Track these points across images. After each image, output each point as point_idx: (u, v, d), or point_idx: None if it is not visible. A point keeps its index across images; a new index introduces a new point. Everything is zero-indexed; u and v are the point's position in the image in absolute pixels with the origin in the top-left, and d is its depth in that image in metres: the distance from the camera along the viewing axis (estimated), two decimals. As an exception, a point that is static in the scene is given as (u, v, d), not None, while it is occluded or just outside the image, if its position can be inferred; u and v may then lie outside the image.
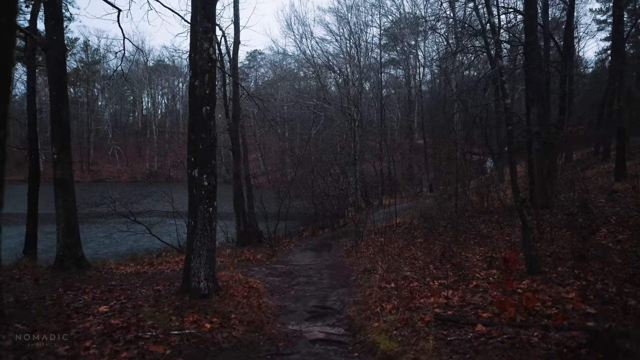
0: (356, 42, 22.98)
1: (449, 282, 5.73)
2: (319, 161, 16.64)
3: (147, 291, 5.86)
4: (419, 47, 35.76)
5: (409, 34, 32.75)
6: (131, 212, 9.89)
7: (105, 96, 67.74)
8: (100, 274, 7.84)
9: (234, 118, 11.58)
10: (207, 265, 5.08)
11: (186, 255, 5.46)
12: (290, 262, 9.41)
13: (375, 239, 12.01)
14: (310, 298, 5.97)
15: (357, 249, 10.29)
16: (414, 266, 7.68)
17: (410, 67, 38.97)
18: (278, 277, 7.58)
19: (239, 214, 11.51)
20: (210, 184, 5.08)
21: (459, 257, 8.39)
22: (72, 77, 59.78)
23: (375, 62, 28.84)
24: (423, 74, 38.13)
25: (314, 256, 10.14)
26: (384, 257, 9.38)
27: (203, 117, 5.01)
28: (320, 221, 16.00)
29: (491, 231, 11.67)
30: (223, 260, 9.16)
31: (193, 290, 5.10)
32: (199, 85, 5.08)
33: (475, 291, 5.10)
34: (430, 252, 9.68)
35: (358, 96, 20.66)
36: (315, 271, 8.10)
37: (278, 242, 11.37)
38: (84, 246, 12.15)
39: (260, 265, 8.75)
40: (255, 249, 10.45)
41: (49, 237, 9.75)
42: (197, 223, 5.13)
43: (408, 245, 11.12)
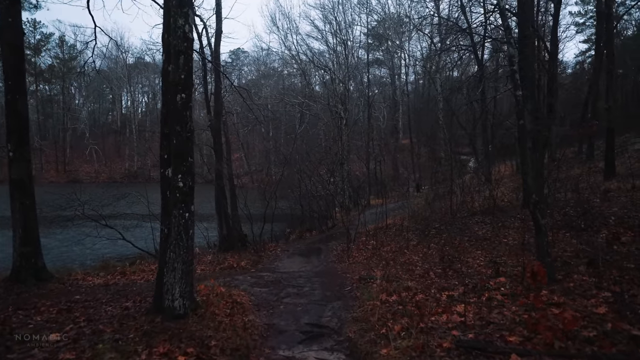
0: (342, 39, 22.40)
1: (458, 294, 5.14)
2: (306, 161, 15.95)
3: (114, 309, 5.07)
4: (404, 47, 35.52)
5: (393, 33, 32.43)
6: (101, 216, 8.99)
7: (83, 94, 65.46)
8: (63, 286, 6.97)
9: (215, 114, 10.76)
10: (182, 280, 4.33)
11: (158, 269, 4.69)
12: (278, 269, 8.69)
13: (366, 242, 11.41)
14: (302, 313, 5.28)
15: (348, 253, 9.65)
16: (413, 273, 7.09)
17: (395, 67, 38.74)
18: (265, 287, 6.86)
19: (222, 217, 10.71)
20: (186, 184, 4.34)
21: (459, 262, 7.85)
22: (46, 74, 57.56)
23: (360, 61, 28.36)
24: (407, 74, 37.93)
25: (302, 262, 9.45)
26: (379, 262, 8.77)
27: (177, 106, 4.26)
28: (307, 223, 15.30)
29: (487, 233, 11.22)
30: (204, 268, 8.38)
31: (166, 310, 4.35)
32: (172, 69, 4.32)
33: (491, 305, 4.51)
34: (427, 256, 9.12)
35: (345, 93, 20.06)
36: (306, 279, 7.41)
37: (264, 247, 10.63)
38: (50, 254, 11.14)
39: (245, 274, 8.01)
40: (239, 255, 9.68)
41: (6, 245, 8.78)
42: (170, 230, 4.38)
43: (402, 249, 10.55)
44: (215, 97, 10.75)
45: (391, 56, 36.16)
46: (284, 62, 33.65)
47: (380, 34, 32.76)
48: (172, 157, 4.36)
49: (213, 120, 10.68)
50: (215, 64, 10.41)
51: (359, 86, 29.49)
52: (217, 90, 10.75)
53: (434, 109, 31.94)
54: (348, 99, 21.22)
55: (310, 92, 22.60)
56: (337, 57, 21.88)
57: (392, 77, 39.94)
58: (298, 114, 17.49)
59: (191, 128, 4.36)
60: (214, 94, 10.78)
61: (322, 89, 27.99)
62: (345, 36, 22.86)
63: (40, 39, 54.17)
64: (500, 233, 10.81)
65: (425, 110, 34.30)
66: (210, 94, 11.10)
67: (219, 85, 10.78)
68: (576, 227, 9.49)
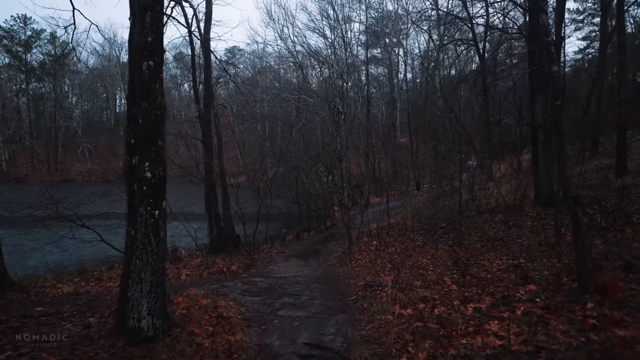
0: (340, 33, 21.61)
1: (487, 307, 4.31)
2: (303, 157, 15.09)
3: (74, 327, 4.21)
4: (402, 44, 34.75)
5: (391, 29, 31.66)
6: (77, 216, 8.09)
7: (76, 92, 64.27)
8: (26, 296, 6.08)
9: (205, 104, 9.88)
10: (151, 294, 3.48)
11: (121, 280, 3.83)
12: (273, 273, 7.84)
13: (369, 243, 10.58)
14: (301, 330, 4.43)
15: (350, 255, 8.81)
16: (426, 279, 6.26)
17: (393, 65, 38.00)
18: (257, 295, 6.01)
19: (212, 216, 9.84)
20: (156, 175, 3.47)
21: (474, 265, 7.03)
22: (38, 71, 56.31)
23: (357, 59, 27.57)
24: (406, 71, 37.20)
25: (300, 265, 8.61)
26: (385, 266, 7.94)
27: (144, 76, 3.40)
28: (305, 222, 14.44)
29: (498, 233, 10.44)
30: (190, 273, 7.51)
31: (130, 332, 3.49)
32: (137, 31, 3.46)
33: (531, 322, 3.69)
34: (436, 258, 8.31)
35: (343, 87, 19.23)
36: (304, 286, 6.56)
37: (257, 249, 9.77)
38: (23, 257, 10.27)
39: (236, 279, 7.15)
40: (231, 258, 8.82)
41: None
42: (137, 232, 3.52)
43: (407, 250, 9.73)
44: (205, 86, 9.86)
45: (389, 53, 35.37)
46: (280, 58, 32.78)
47: (377, 31, 32.00)
48: (138, 141, 3.50)
49: (202, 110, 9.79)
50: (204, 47, 9.51)
51: (357, 82, 28.70)
52: (207, 78, 9.84)
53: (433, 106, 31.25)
54: (346, 93, 20.39)
55: (307, 87, 21.73)
56: (334, 51, 21.05)
57: (390, 75, 39.15)
58: (295, 111, 16.58)
59: (162, 105, 3.49)
60: (204, 82, 9.89)
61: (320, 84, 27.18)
62: (344, 28, 22.07)
63: (31, 35, 52.91)
64: (513, 233, 10.04)
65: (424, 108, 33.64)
66: (199, 82, 10.25)
67: (208, 73, 9.87)
68: (596, 225, 8.73)
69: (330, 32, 22.26)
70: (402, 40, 34.10)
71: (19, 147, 51.45)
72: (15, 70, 54.22)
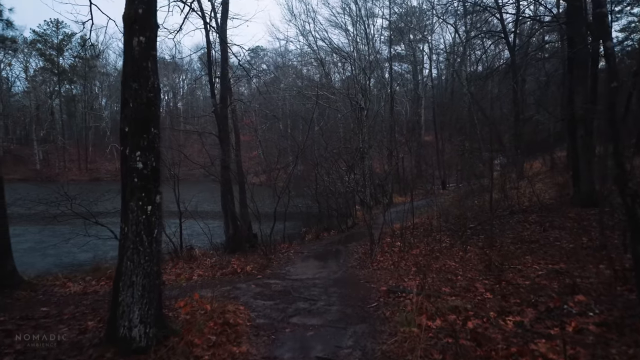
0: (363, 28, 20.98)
1: (529, 321, 3.71)
2: (324, 153, 14.60)
3: (69, 331, 3.89)
4: (426, 39, 33.74)
5: (415, 25, 30.72)
6: (91, 213, 7.92)
7: (105, 94, 66.17)
8: (34, 295, 5.89)
9: (221, 98, 9.55)
10: (144, 299, 3.08)
11: (113, 283, 3.45)
12: (289, 275, 7.41)
13: (392, 244, 9.99)
14: (315, 341, 3.96)
15: (372, 257, 8.27)
16: (455, 285, 5.65)
17: (417, 61, 37.01)
18: (270, 299, 5.58)
19: (228, 214, 9.51)
20: (148, 165, 3.08)
21: (509, 270, 6.36)
22: (69, 73, 58.27)
23: (380, 57, 26.87)
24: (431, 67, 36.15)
25: (318, 266, 8.14)
26: (409, 269, 7.36)
27: (134, 53, 3.00)
28: (325, 222, 13.94)
29: (533, 234, 9.66)
30: (202, 273, 7.17)
31: (121, 342, 3.10)
32: (127, 1, 3.07)
33: (587, 343, 3.08)
34: (465, 262, 7.66)
35: (366, 83, 18.62)
36: (321, 290, 6.08)
37: (274, 248, 9.36)
38: (42, 254, 10.27)
39: (249, 281, 6.75)
40: (246, 258, 8.46)
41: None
42: (128, 231, 3.13)
43: (433, 252, 9.09)
44: (221, 80, 9.53)
45: (413, 49, 34.41)
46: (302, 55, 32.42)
47: (401, 27, 31.16)
48: (129, 128, 3.11)
49: (218, 105, 9.46)
50: (221, 39, 9.15)
51: (381, 79, 27.98)
52: (224, 71, 9.50)
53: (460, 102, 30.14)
54: (369, 89, 19.77)
55: (328, 83, 21.24)
56: (357, 46, 20.47)
57: (414, 71, 38.14)
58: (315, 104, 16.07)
59: (155, 86, 3.09)
60: (221, 76, 9.56)
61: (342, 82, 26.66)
62: (366, 23, 21.43)
63: (62, 39, 54.78)
64: (550, 235, 9.25)
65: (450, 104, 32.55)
66: (215, 76, 9.92)
67: (225, 67, 9.53)
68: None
69: (353, 27, 21.70)
70: (427, 36, 33.12)
71: (52, 147, 53.41)
72: (49, 73, 56.29)
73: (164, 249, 8.87)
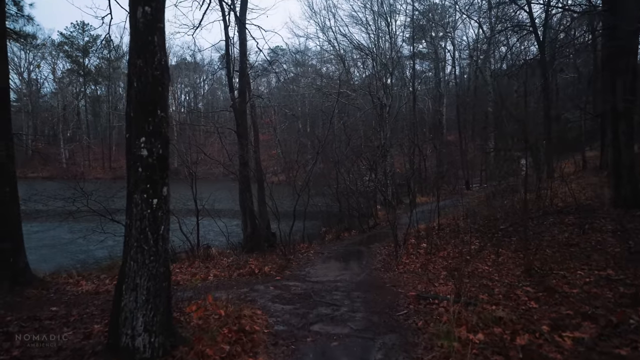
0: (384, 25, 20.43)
1: (589, 338, 3.17)
2: (344, 151, 14.15)
3: (74, 335, 3.59)
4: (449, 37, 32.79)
5: (437, 22, 29.86)
6: (107, 210, 7.72)
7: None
8: (45, 293, 5.68)
9: (240, 92, 9.23)
10: (148, 305, 2.72)
11: (116, 286, 3.11)
12: (309, 276, 7.00)
13: (417, 245, 9.45)
14: (339, 353, 3.53)
15: (397, 259, 7.77)
16: (493, 292, 5.12)
17: (439, 59, 36.12)
18: (289, 303, 5.18)
19: (246, 212, 9.18)
20: (154, 153, 2.72)
21: (552, 276, 5.77)
22: (94, 74, 59.72)
23: (402, 55, 26.19)
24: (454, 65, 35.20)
25: (340, 268, 7.70)
26: (438, 272, 6.85)
27: (138, 25, 2.65)
28: (346, 221, 13.48)
29: (572, 237, 8.95)
30: (218, 273, 6.84)
31: (124, 352, 2.75)
32: (132, -32, 2.71)
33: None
34: (499, 266, 7.08)
35: (389, 78, 18.06)
36: (343, 294, 5.65)
37: (293, 248, 8.97)
38: (53, 251, 10.20)
39: (268, 282, 6.38)
40: (264, 258, 8.10)
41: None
42: (131, 227, 2.78)
43: (462, 255, 8.52)
44: (240, 73, 9.19)
45: (435, 47, 33.56)
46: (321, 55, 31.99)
47: (423, 25, 30.38)
48: (132, 110, 2.75)
49: (237, 99, 9.14)
50: (240, 29, 8.78)
51: (402, 77, 27.32)
52: (242, 65, 9.14)
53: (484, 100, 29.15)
54: (390, 86, 19.19)
55: (348, 80, 20.75)
56: (378, 42, 19.91)
57: (436, 69, 37.20)
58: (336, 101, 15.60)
59: (162, 64, 2.73)
60: (239, 69, 9.23)
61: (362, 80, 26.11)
62: (388, 19, 20.84)
63: (88, 41, 56.17)
64: (591, 238, 8.52)
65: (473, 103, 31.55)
66: (234, 70, 9.62)
67: (244, 60, 9.17)
68: None
69: (374, 23, 21.15)
70: (449, 33, 32.23)
71: (78, 146, 54.88)
72: (75, 74, 57.82)
73: (180, 248, 8.62)
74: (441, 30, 31.33)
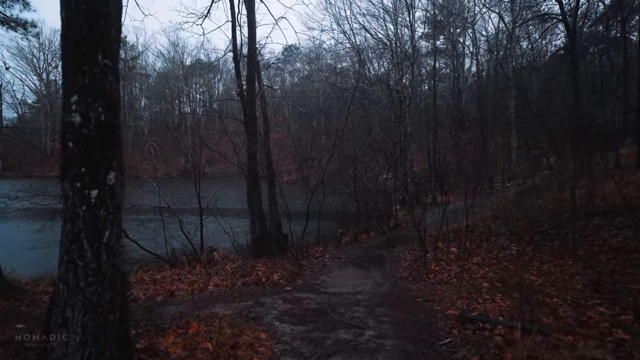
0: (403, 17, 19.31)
1: None
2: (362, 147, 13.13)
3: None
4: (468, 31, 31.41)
5: (456, 17, 28.55)
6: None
7: (145, 94, 67.82)
8: (17, 305, 4.88)
9: (248, 78, 8.29)
10: (85, 349, 1.80)
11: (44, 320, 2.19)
12: (324, 286, 6.03)
13: (445, 249, 8.37)
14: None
15: (426, 267, 6.73)
16: (556, 313, 4.05)
17: (458, 54, 34.74)
18: (301, 323, 4.23)
19: (254, 212, 8.25)
20: (91, 120, 1.78)
21: (625, 292, 4.66)
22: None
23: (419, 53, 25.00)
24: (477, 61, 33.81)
25: (359, 276, 6.71)
26: (476, 283, 5.78)
27: None
28: (364, 222, 12.45)
29: (626, 242, 7.79)
30: (220, 282, 5.92)
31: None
32: None
33: None
34: (550, 276, 5.98)
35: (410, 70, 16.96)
36: (367, 311, 4.66)
37: (306, 252, 8.00)
38: (35, 253, 9.48)
39: (276, 294, 5.43)
40: (274, 263, 7.17)
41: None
42: (62, 231, 1.86)
43: (499, 261, 7.44)
44: (248, 57, 8.22)
45: (454, 42, 32.21)
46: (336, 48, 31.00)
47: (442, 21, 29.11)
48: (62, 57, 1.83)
49: (244, 86, 8.21)
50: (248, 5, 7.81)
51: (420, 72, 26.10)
52: (251, 49, 8.18)
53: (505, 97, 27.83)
54: (412, 76, 18.06)
55: (364, 75, 19.70)
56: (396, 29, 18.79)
57: (455, 65, 35.78)
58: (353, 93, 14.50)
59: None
60: (248, 53, 8.27)
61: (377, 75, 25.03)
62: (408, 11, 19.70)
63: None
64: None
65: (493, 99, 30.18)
66: (241, 54, 8.69)
67: (253, 45, 8.20)
68: None
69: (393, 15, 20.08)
70: (468, 28, 30.90)
71: (94, 145, 55.28)
72: (91, 74, 58.24)
73: (181, 251, 7.76)
74: (460, 25, 30.04)
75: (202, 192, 8.27)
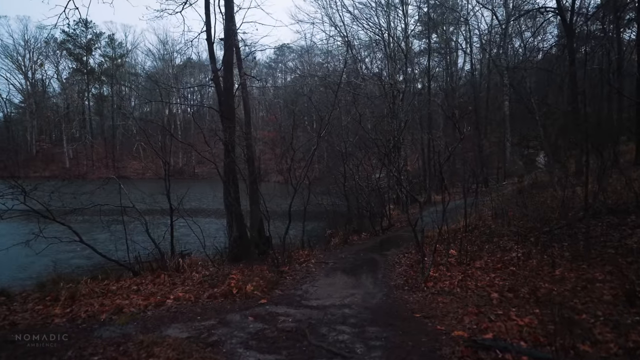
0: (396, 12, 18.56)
1: None
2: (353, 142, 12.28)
3: None
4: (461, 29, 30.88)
5: (449, 14, 27.97)
6: (47, 209, 5.97)
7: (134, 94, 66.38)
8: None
9: (225, 63, 7.34)
10: None
11: None
12: (306, 298, 5.15)
13: (444, 252, 7.52)
14: None
15: (424, 274, 5.86)
16: (589, 332, 3.23)
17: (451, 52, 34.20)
18: (271, 351, 3.34)
19: (231, 212, 7.30)
20: None
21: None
22: (97, 72, 58.56)
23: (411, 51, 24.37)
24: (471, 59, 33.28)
25: (348, 285, 5.84)
26: (483, 293, 4.95)
27: None
28: (355, 222, 11.57)
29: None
30: (182, 295, 4.99)
31: None
32: None
33: None
34: (566, 284, 5.17)
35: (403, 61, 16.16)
36: (354, 331, 3.79)
37: (289, 256, 7.11)
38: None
39: (247, 309, 4.53)
40: (251, 269, 6.24)
41: None
42: None
43: (505, 265, 6.62)
44: (224, 40, 7.25)
45: (446, 42, 31.63)
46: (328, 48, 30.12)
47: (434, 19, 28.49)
48: None
49: (219, 70, 7.24)
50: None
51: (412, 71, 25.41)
52: (227, 31, 7.22)
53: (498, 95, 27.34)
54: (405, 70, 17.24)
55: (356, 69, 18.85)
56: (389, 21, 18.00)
57: (448, 64, 35.17)
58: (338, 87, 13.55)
59: None
60: (224, 35, 7.27)
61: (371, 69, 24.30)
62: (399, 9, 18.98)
63: (91, 38, 55.11)
64: (672, 243, 6.59)
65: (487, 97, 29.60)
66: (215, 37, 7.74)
67: (229, 24, 7.24)
68: None
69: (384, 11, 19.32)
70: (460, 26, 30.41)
71: (81, 146, 54.05)
72: (80, 73, 56.87)
73: (147, 257, 6.82)
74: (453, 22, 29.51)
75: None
